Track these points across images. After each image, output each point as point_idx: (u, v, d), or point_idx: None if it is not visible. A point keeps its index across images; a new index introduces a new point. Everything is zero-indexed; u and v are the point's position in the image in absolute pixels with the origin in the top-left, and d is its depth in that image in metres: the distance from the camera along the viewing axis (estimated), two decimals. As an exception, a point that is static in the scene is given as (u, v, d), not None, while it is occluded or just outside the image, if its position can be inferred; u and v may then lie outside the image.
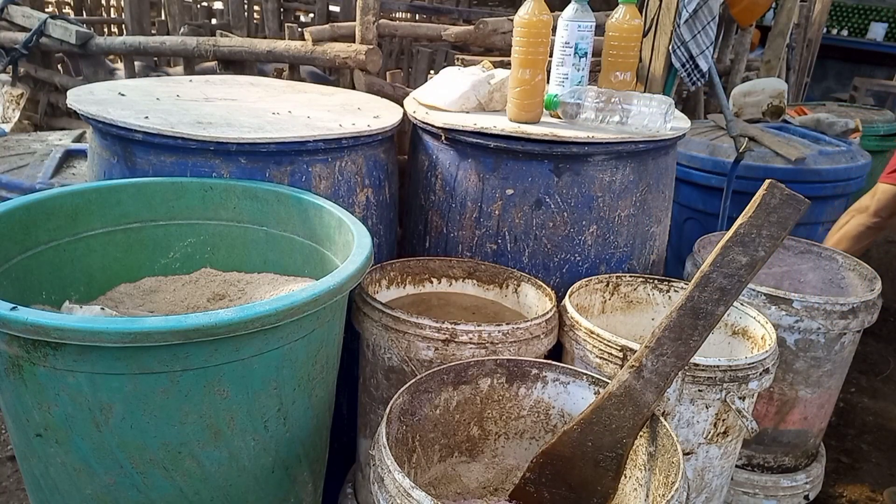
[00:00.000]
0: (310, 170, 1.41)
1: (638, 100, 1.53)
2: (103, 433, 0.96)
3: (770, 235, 0.91)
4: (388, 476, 0.90)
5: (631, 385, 1.04)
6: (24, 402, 0.96)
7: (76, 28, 3.03)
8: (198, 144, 1.32)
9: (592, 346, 1.32)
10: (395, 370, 1.32)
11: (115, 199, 1.33)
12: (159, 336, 0.86)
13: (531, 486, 1.18)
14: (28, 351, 0.89)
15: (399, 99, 1.92)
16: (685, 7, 2.15)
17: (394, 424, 1.07)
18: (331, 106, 1.68)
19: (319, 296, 0.99)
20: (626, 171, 1.55)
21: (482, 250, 1.62)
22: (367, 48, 2.11)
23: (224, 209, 1.39)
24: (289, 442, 1.13)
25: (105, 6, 6.17)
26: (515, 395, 1.24)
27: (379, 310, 1.30)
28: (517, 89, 1.56)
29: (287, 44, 2.38)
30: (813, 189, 2.34)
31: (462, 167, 1.59)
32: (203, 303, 1.35)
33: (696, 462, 1.35)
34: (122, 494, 1.02)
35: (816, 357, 1.69)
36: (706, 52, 2.24)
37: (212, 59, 2.57)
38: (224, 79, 1.96)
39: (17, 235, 1.19)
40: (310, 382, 1.12)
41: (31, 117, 3.43)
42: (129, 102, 1.48)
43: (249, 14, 5.62)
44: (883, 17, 8.14)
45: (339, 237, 1.29)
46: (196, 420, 0.98)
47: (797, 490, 1.86)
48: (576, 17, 1.58)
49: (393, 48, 5.02)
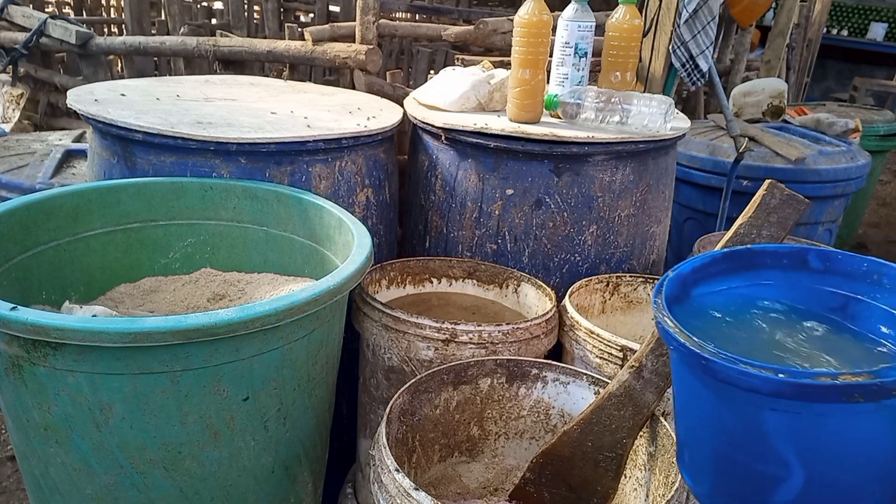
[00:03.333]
0: (310, 170, 1.41)
1: (638, 100, 1.53)
2: (103, 433, 0.96)
3: (770, 236, 0.91)
4: (388, 476, 0.90)
5: (631, 385, 1.04)
6: (24, 402, 0.96)
7: (76, 28, 3.03)
8: (198, 144, 1.32)
9: (592, 346, 1.32)
10: (395, 370, 1.32)
11: (115, 199, 1.33)
12: (159, 336, 0.86)
13: (531, 486, 1.18)
14: (28, 351, 0.89)
15: (399, 99, 1.92)
16: (685, 7, 2.15)
17: (394, 424, 1.07)
18: (331, 106, 1.68)
19: (319, 296, 0.99)
20: (626, 171, 1.55)
21: (482, 250, 1.62)
22: (367, 48, 2.12)
23: (224, 209, 1.39)
24: (289, 442, 1.13)
25: (105, 6, 6.17)
26: (515, 395, 1.24)
27: (379, 310, 1.30)
28: (517, 89, 1.56)
29: (287, 44, 2.38)
30: (813, 189, 2.35)
31: (462, 167, 1.59)
32: (203, 303, 1.35)
33: (696, 462, 1.35)
34: (122, 494, 1.02)
35: (816, 357, 1.68)
36: (706, 52, 2.24)
37: (212, 59, 2.57)
38: (224, 79, 1.96)
39: (17, 235, 1.19)
40: (310, 382, 1.12)
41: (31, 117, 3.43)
42: (129, 102, 1.48)
43: (249, 14, 5.62)
44: (883, 17, 8.14)
45: (339, 237, 1.29)
46: (196, 420, 0.98)
47: (797, 490, 1.86)
48: (576, 17, 1.58)
49: (393, 48, 5.02)
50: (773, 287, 0.77)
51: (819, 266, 0.75)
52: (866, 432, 0.60)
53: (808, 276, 0.75)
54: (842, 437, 0.60)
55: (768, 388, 0.58)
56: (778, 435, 0.62)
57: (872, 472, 0.62)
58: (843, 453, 0.61)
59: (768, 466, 0.64)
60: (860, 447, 0.61)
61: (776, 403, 0.60)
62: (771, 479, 0.64)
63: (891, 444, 0.61)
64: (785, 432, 0.62)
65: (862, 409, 0.58)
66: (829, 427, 0.60)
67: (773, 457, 0.63)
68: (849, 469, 0.62)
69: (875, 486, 0.63)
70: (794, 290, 0.76)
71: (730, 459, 0.68)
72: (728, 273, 0.80)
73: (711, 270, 0.80)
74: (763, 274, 0.78)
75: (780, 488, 0.64)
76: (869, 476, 0.63)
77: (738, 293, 0.79)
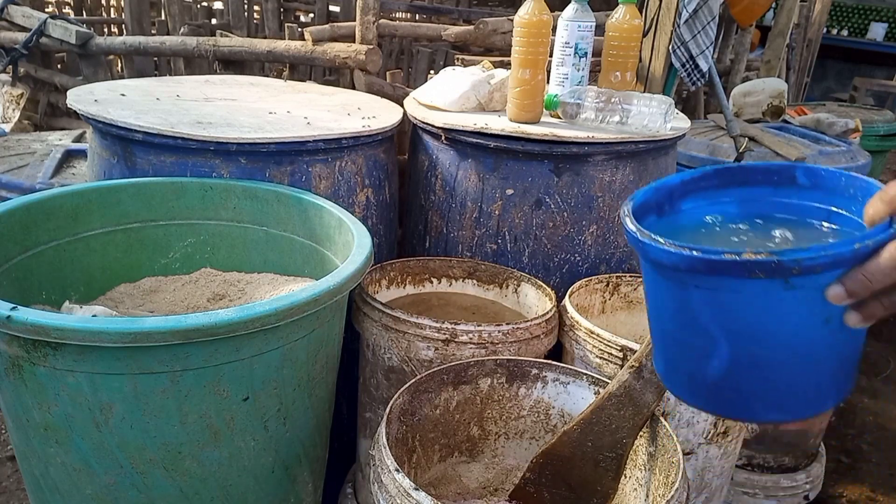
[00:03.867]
0: (310, 170, 1.41)
1: (638, 100, 1.53)
2: (103, 433, 0.96)
3: (770, 235, 0.91)
4: (388, 476, 0.90)
5: (631, 385, 1.04)
6: (24, 402, 0.96)
7: (76, 28, 3.03)
8: (198, 144, 1.32)
9: (592, 346, 1.32)
10: (395, 370, 1.32)
11: (115, 199, 1.33)
12: (159, 336, 0.86)
13: (531, 486, 1.18)
14: (28, 351, 0.89)
15: (399, 99, 1.92)
16: (685, 7, 2.15)
17: (394, 424, 1.07)
18: (331, 106, 1.68)
19: (319, 296, 0.99)
20: (626, 171, 1.55)
21: (482, 250, 1.62)
22: (367, 48, 2.12)
23: (224, 209, 1.39)
24: (289, 442, 1.13)
25: (105, 6, 6.17)
26: (515, 395, 1.24)
27: (379, 310, 1.30)
28: (517, 89, 1.56)
29: (287, 44, 2.38)
30: (813, 189, 2.34)
31: (462, 167, 1.59)
32: (203, 303, 1.35)
33: (696, 462, 1.35)
34: (122, 494, 1.02)
35: (816, 357, 1.69)
36: (706, 52, 2.24)
37: (212, 59, 2.57)
38: (224, 79, 1.96)
39: (17, 235, 1.19)
40: (310, 382, 1.12)
41: (31, 117, 3.43)
42: (129, 102, 1.48)
43: (249, 14, 5.61)
44: (883, 17, 8.14)
45: (339, 237, 1.29)
46: (196, 420, 0.98)
47: (797, 490, 1.86)
48: (576, 17, 1.58)
49: (393, 48, 5.01)
50: (761, 202, 0.79)
51: (806, 182, 0.77)
52: (778, 311, 0.64)
53: (797, 192, 0.77)
54: (756, 313, 0.65)
55: (685, 264, 0.64)
56: (703, 311, 0.68)
57: (792, 350, 0.67)
58: (760, 330, 0.66)
59: (699, 340, 0.70)
60: (775, 325, 0.65)
61: (697, 280, 0.66)
62: (703, 352, 0.71)
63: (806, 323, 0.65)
64: (708, 309, 0.68)
65: (770, 287, 0.62)
66: (743, 303, 0.65)
67: (703, 332, 0.69)
68: (767, 345, 0.67)
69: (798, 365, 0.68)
70: (782, 205, 0.78)
71: (673, 338, 0.76)
72: (717, 188, 0.81)
73: (702, 185, 0.81)
74: (752, 191, 0.80)
75: (712, 362, 0.70)
76: (789, 353, 0.67)
77: (725, 208, 0.81)
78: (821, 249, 0.59)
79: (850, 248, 0.59)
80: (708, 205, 0.81)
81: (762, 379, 0.69)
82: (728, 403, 0.75)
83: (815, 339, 0.66)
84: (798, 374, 0.69)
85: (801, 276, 0.60)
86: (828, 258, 0.59)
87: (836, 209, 0.74)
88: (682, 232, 0.77)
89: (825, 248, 0.59)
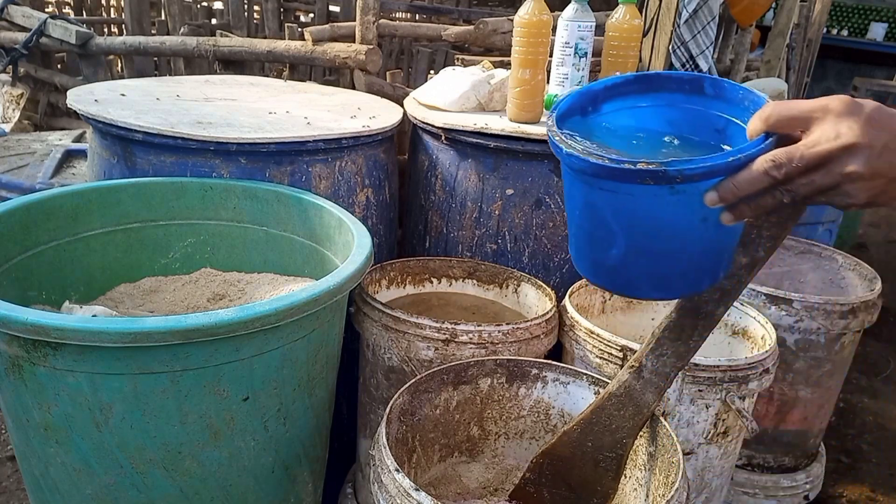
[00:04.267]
0: (310, 170, 1.41)
1: (638, 100, 1.53)
2: (103, 433, 0.96)
3: (770, 236, 0.91)
4: (388, 476, 0.90)
5: (631, 385, 1.04)
6: (24, 402, 0.96)
7: (76, 28, 3.03)
8: (198, 144, 1.32)
9: (592, 346, 1.32)
10: (395, 370, 1.32)
11: (115, 199, 1.33)
12: (159, 336, 0.86)
13: (531, 486, 1.17)
14: (28, 351, 0.89)
15: (399, 99, 1.92)
16: (685, 7, 2.15)
17: (394, 424, 1.07)
18: (331, 106, 1.68)
19: (319, 296, 0.99)
20: (626, 171, 1.55)
21: (482, 250, 1.62)
22: (367, 48, 2.12)
23: (224, 209, 1.39)
24: (289, 442, 1.13)
25: (105, 6, 6.16)
26: (515, 395, 1.24)
27: (379, 310, 1.30)
28: (517, 89, 1.56)
29: (287, 44, 2.38)
30: (813, 189, 2.34)
31: (462, 167, 1.59)
32: (203, 303, 1.35)
33: (696, 462, 1.35)
34: (122, 494, 1.02)
35: (816, 357, 1.69)
36: (706, 52, 2.24)
37: (212, 59, 2.57)
38: (224, 79, 1.96)
39: (17, 235, 1.19)
40: (310, 382, 1.12)
41: (31, 117, 3.43)
42: (129, 102, 1.48)
43: (249, 14, 5.61)
44: (883, 17, 8.14)
45: (339, 237, 1.29)
46: (196, 420, 0.98)
47: (797, 490, 1.86)
48: (576, 17, 1.58)
49: (393, 48, 5.01)
50: (673, 108, 0.90)
51: (711, 92, 0.87)
52: (665, 210, 0.77)
53: (702, 100, 0.88)
54: (647, 212, 0.78)
55: (592, 169, 0.75)
56: (605, 209, 0.81)
57: (676, 243, 0.81)
58: (650, 225, 0.79)
59: (601, 232, 0.83)
60: (663, 222, 0.78)
61: (601, 183, 0.77)
62: (604, 242, 0.83)
63: (688, 221, 0.78)
64: (610, 208, 0.80)
65: (658, 191, 0.74)
66: (637, 203, 0.78)
67: (605, 226, 0.82)
68: (655, 238, 0.80)
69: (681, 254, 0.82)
70: (688, 112, 0.89)
71: (582, 229, 0.87)
72: (636, 94, 0.91)
73: (623, 90, 0.91)
74: (666, 96, 0.90)
75: (611, 250, 0.83)
76: (674, 245, 0.81)
77: (640, 111, 0.91)
78: (700, 161, 0.70)
79: (724, 161, 0.71)
80: (627, 108, 0.91)
81: (651, 265, 0.84)
82: (622, 283, 0.89)
83: (695, 234, 0.80)
84: (681, 261, 0.83)
85: (683, 183, 0.71)
86: (705, 168, 0.71)
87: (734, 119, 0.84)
88: (597, 130, 0.88)
89: (704, 160, 0.70)
